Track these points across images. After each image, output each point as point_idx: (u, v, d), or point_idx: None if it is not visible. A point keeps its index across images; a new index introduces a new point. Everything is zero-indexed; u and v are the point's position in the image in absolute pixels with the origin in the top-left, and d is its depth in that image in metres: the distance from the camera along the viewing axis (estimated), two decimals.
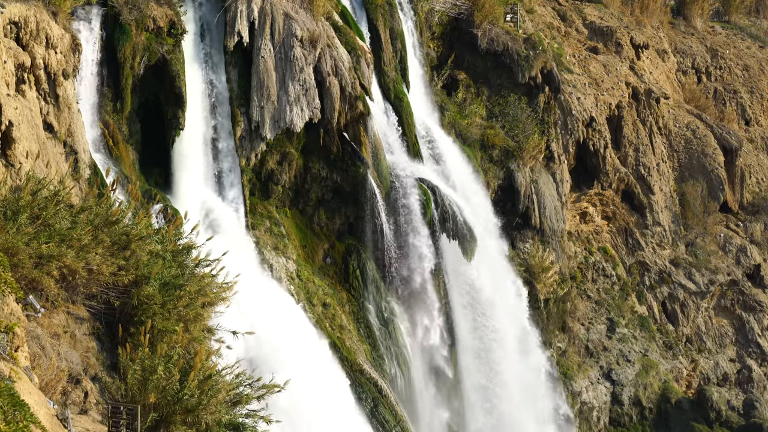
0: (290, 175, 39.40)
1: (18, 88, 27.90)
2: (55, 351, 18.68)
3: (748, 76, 66.69)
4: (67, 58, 30.45)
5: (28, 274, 18.64)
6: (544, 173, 49.58)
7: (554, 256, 49.04)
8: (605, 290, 53.65)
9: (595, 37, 58.80)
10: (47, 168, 27.13)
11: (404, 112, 43.22)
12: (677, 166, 58.95)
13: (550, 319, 48.96)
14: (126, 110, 34.42)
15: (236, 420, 19.15)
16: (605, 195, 54.70)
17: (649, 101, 57.33)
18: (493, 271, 44.75)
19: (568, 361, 49.93)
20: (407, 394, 40.31)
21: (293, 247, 39.04)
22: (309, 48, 38.14)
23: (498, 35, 48.87)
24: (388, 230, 40.19)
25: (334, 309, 38.79)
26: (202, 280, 21.44)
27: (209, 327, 21.79)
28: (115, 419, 17.09)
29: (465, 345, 43.00)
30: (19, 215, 18.96)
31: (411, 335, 41.15)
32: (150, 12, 34.59)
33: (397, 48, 44.21)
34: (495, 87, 49.63)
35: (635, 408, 51.26)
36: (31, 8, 28.88)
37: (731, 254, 57.73)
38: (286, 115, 37.71)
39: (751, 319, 56.82)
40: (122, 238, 20.63)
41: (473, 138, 47.25)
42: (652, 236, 55.83)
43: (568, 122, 52.04)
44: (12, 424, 13.20)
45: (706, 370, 54.84)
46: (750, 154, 62.60)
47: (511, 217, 47.70)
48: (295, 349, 33.75)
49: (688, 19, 67.58)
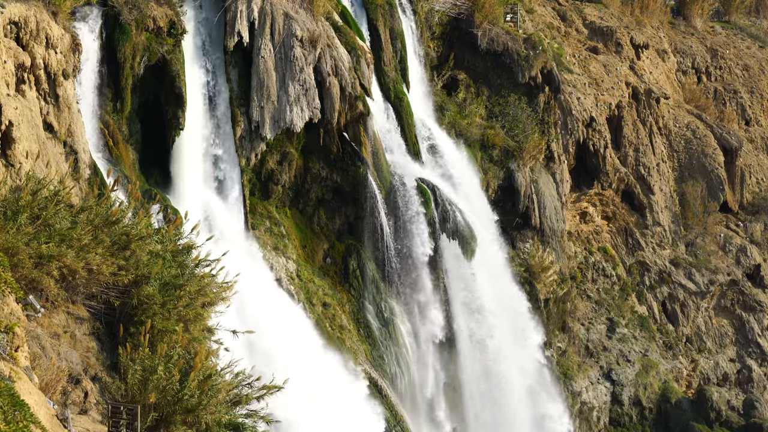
0: (290, 175, 39.39)
1: (18, 88, 27.90)
2: (55, 351, 18.67)
3: (748, 76, 66.69)
4: (67, 58, 30.45)
5: (28, 274, 18.63)
6: (544, 173, 49.58)
7: (554, 256, 49.03)
8: (605, 290, 53.64)
9: (595, 37, 58.79)
10: (47, 168, 27.13)
11: (404, 112, 43.22)
12: (677, 166, 58.95)
13: (550, 319, 48.95)
14: (126, 110, 34.41)
15: (236, 420, 19.14)
16: (605, 195, 54.70)
17: (649, 101, 57.32)
18: (493, 271, 44.75)
19: (568, 361, 49.92)
20: (407, 394, 40.32)
21: (293, 247, 39.04)
22: (309, 48, 38.14)
23: (498, 35, 48.87)
24: (388, 230, 40.19)
25: (334, 309, 38.80)
26: (202, 280, 21.43)
27: (209, 327, 21.79)
28: (115, 419, 17.09)
29: (465, 344, 42.99)
30: (19, 215, 18.95)
31: (411, 335, 41.15)
32: (150, 12, 34.59)
33: (397, 48, 44.22)
34: (495, 87, 49.62)
35: (635, 408, 51.25)
36: (31, 8, 28.88)
37: (731, 254, 57.72)
38: (286, 115, 37.70)
39: (751, 319, 56.81)
40: (122, 238, 20.62)
41: (473, 138, 47.25)
42: (652, 236, 55.83)
43: (568, 122, 52.04)
44: (12, 424, 13.19)
45: (706, 370, 54.84)
46: (750, 154, 62.60)
47: (511, 217, 47.70)
48: (296, 350, 33.77)
49: (688, 19, 67.57)
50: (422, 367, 41.53)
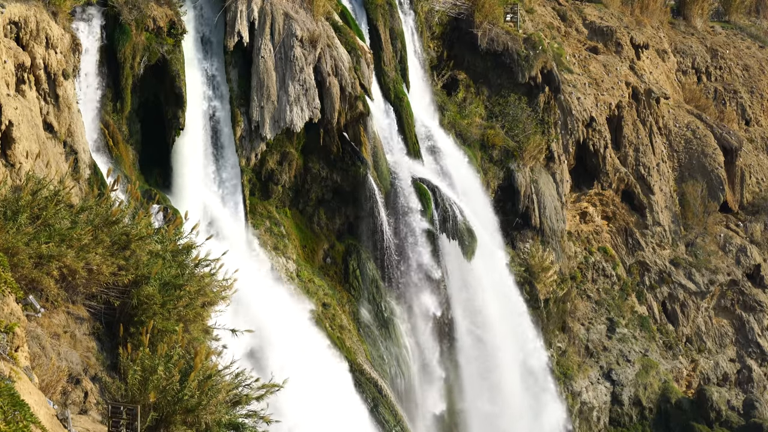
0: (290, 175, 39.39)
1: (18, 88, 27.90)
2: (55, 351, 18.67)
3: (748, 76, 66.69)
4: (67, 58, 30.45)
5: (28, 274, 18.63)
6: (544, 173, 49.58)
7: (554, 256, 49.04)
8: (605, 290, 53.65)
9: (595, 37, 58.80)
10: (47, 168, 27.14)
11: (404, 112, 43.22)
12: (677, 166, 58.95)
13: (550, 319, 48.96)
14: (126, 110, 34.40)
15: (236, 420, 19.13)
16: (605, 195, 54.70)
17: (649, 101, 57.33)
18: (493, 271, 44.75)
19: (568, 361, 49.93)
20: (407, 394, 40.32)
21: (293, 247, 39.04)
22: (309, 48, 38.13)
23: (498, 35, 48.87)
24: (388, 230, 40.19)
25: (334, 309, 38.80)
26: (202, 279, 21.43)
27: (209, 327, 21.78)
28: (115, 419, 17.08)
29: (465, 344, 43.01)
30: (19, 215, 18.94)
31: (411, 335, 41.16)
32: (150, 12, 34.58)
33: (397, 48, 44.21)
34: (495, 87, 49.63)
35: (635, 408, 51.26)
36: (31, 8, 28.88)
37: (731, 254, 57.72)
38: (286, 115, 37.71)
39: (751, 319, 56.82)
40: (122, 238, 20.61)
41: (473, 138, 47.25)
42: (652, 236, 55.83)
43: (568, 122, 52.04)
44: (12, 424, 13.19)
45: (706, 370, 54.84)
46: (750, 154, 62.60)
47: (511, 217, 47.71)
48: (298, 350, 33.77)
49: (688, 19, 67.57)
50: (422, 367, 41.54)
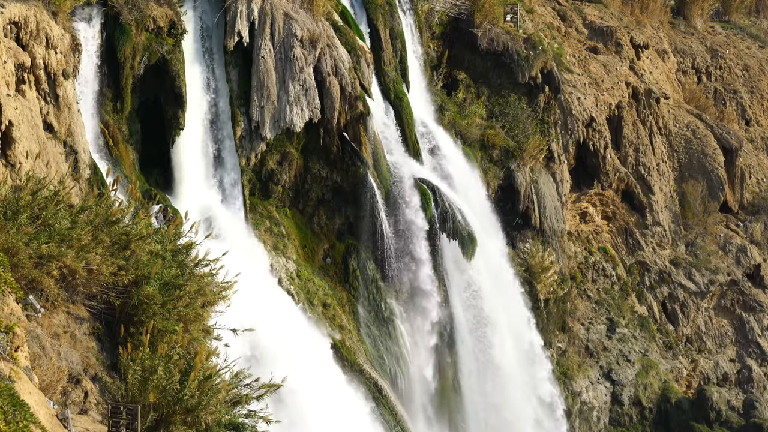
0: (290, 175, 39.39)
1: (18, 88, 27.90)
2: (55, 351, 18.67)
3: (748, 76, 66.68)
4: (67, 58, 30.45)
5: (28, 274, 18.62)
6: (544, 173, 49.58)
7: (554, 256, 49.03)
8: (605, 290, 53.64)
9: (595, 37, 58.79)
10: (47, 168, 27.14)
11: (404, 112, 43.22)
12: (677, 166, 58.94)
13: (550, 319, 48.96)
14: (126, 110, 34.41)
15: (236, 420, 19.13)
16: (605, 195, 54.70)
17: (649, 101, 57.32)
18: (493, 271, 44.75)
19: (568, 361, 49.93)
20: (407, 394, 40.32)
21: (293, 247, 39.04)
22: (309, 48, 38.14)
23: (498, 35, 48.88)
24: (388, 230, 40.19)
25: (334, 309, 38.80)
26: (202, 279, 21.43)
27: (209, 327, 21.78)
28: (115, 419, 17.08)
29: (465, 344, 43.00)
30: (19, 215, 18.94)
31: (411, 335, 41.16)
32: (150, 12, 34.58)
33: (397, 48, 44.21)
34: (495, 87, 49.63)
35: (635, 408, 51.25)
36: (31, 8, 28.88)
37: (731, 254, 57.72)
38: (286, 115, 37.71)
39: (751, 319, 56.81)
40: (122, 238, 20.60)
41: (473, 138, 47.25)
42: (652, 236, 55.82)
43: (568, 122, 52.03)
44: (12, 424, 13.19)
45: (706, 370, 54.84)
46: (750, 154, 62.59)
47: (511, 217, 47.70)
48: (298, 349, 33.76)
49: (688, 19, 67.56)
50: (422, 366, 41.54)
